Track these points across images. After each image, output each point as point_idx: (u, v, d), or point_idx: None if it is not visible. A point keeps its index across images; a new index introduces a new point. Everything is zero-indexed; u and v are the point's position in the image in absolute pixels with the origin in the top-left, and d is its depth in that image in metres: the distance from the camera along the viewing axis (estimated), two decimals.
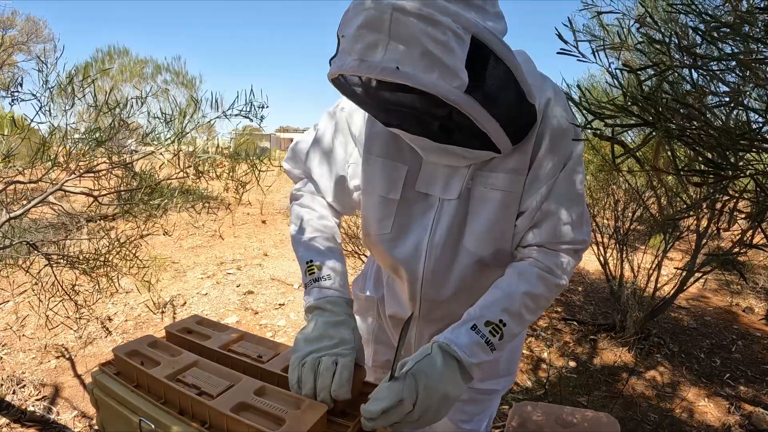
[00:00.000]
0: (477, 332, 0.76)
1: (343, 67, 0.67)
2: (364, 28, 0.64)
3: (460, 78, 0.64)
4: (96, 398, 0.82)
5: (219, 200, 2.57)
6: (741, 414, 2.17)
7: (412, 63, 0.62)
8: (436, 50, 0.62)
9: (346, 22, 0.67)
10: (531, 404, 1.38)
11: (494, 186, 0.83)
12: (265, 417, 0.68)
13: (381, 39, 0.63)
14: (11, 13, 11.19)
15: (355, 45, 0.65)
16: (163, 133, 1.79)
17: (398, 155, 0.88)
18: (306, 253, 0.90)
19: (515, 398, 2.18)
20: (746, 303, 3.52)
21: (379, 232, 0.92)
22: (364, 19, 0.63)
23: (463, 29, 0.63)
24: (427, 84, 0.63)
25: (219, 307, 3.27)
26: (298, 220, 0.96)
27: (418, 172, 0.88)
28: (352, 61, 0.65)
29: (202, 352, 0.87)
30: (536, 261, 0.84)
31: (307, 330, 0.81)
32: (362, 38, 0.64)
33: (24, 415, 1.96)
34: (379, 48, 0.63)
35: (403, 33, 0.62)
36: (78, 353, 2.52)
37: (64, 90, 1.60)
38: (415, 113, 0.72)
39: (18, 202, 1.82)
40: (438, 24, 0.62)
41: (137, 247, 2.01)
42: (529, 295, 0.80)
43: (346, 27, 0.67)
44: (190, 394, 0.71)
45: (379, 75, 0.64)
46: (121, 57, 8.45)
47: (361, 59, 0.64)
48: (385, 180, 0.89)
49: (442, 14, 0.62)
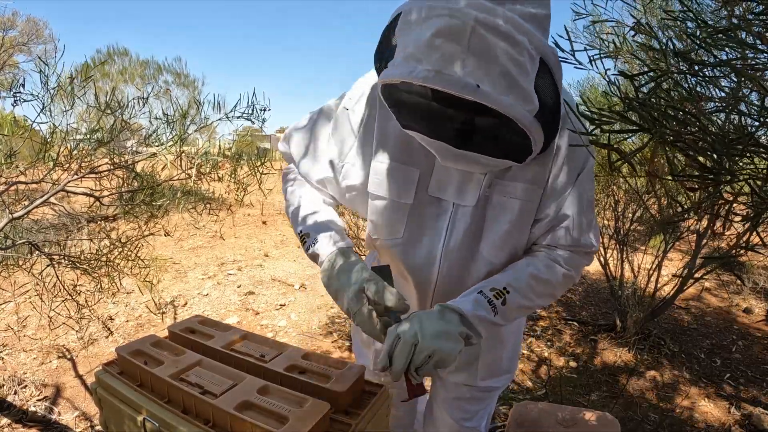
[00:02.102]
0: (481, 294, 0.81)
1: (413, 75, 0.62)
2: (442, 37, 0.60)
3: (533, 102, 0.63)
4: (99, 397, 0.82)
5: (220, 201, 2.58)
6: (741, 414, 2.17)
7: (491, 82, 0.60)
8: (514, 71, 0.61)
9: (412, 23, 0.63)
10: (531, 404, 1.39)
11: (513, 195, 0.83)
12: (268, 416, 0.68)
13: (459, 52, 0.60)
14: (12, 14, 11.20)
15: (431, 54, 0.61)
16: (164, 134, 1.80)
17: (410, 158, 0.85)
18: (300, 226, 0.92)
19: (516, 398, 2.18)
20: (746, 303, 3.53)
21: (390, 237, 0.90)
22: (443, 26, 0.60)
23: (535, 50, 0.62)
24: (505, 107, 0.61)
25: (220, 307, 3.27)
26: (290, 195, 0.98)
27: (430, 175, 0.85)
28: (425, 71, 0.61)
29: (205, 351, 0.88)
30: (547, 252, 0.88)
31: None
32: (438, 48, 0.60)
33: (25, 416, 1.96)
34: (457, 61, 0.60)
35: (483, 49, 0.60)
36: (79, 354, 2.52)
37: (64, 90, 1.60)
38: (452, 122, 0.70)
39: (20, 203, 1.82)
40: (517, 44, 0.60)
41: (139, 247, 2.02)
42: (535, 276, 0.84)
43: (413, 29, 0.63)
44: (194, 393, 0.71)
45: (457, 91, 0.60)
46: (121, 58, 8.46)
47: (437, 71, 0.61)
48: (396, 184, 0.86)
49: (520, 33, 0.60)
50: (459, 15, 0.59)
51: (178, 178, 1.84)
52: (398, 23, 0.66)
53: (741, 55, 0.59)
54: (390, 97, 0.74)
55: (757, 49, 0.56)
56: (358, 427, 0.74)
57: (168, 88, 8.50)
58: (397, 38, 0.66)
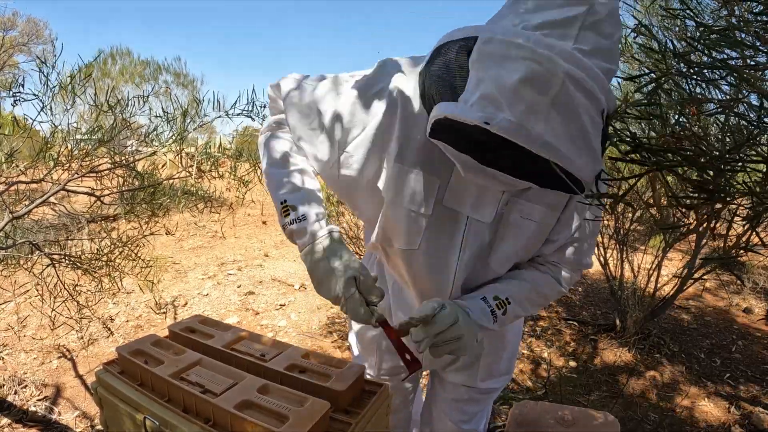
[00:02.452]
0: (485, 301, 0.85)
1: (494, 123, 0.57)
2: (528, 85, 0.56)
3: (600, 162, 0.61)
4: (100, 397, 0.82)
5: (221, 201, 2.58)
6: (741, 413, 2.17)
7: (570, 141, 0.57)
8: (591, 131, 0.58)
9: (494, 57, 0.58)
10: (531, 404, 1.39)
11: (530, 216, 0.83)
12: (268, 414, 0.68)
13: (544, 105, 0.56)
14: (12, 14, 11.20)
15: (514, 103, 0.56)
16: (164, 132, 1.80)
17: (432, 168, 0.81)
18: (276, 191, 0.86)
19: (515, 398, 2.18)
20: (746, 303, 3.53)
21: (406, 246, 0.87)
22: (531, 75, 0.56)
23: (607, 109, 0.60)
24: (578, 169, 0.58)
25: (220, 307, 3.27)
26: (272, 151, 0.90)
27: (446, 186, 0.83)
28: (507, 121, 0.56)
29: (205, 350, 0.88)
30: (549, 269, 0.92)
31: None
32: (523, 98, 0.56)
33: (25, 416, 1.96)
34: (540, 115, 0.56)
35: (567, 104, 0.56)
36: (79, 353, 2.52)
37: (65, 89, 1.61)
38: (499, 152, 0.67)
39: (20, 202, 1.82)
40: (597, 103, 0.58)
41: (139, 247, 2.02)
42: (536, 291, 0.90)
43: (493, 65, 0.58)
44: (194, 392, 0.71)
45: (536, 149, 0.57)
46: (122, 58, 8.47)
47: (519, 124, 0.56)
48: (417, 193, 0.83)
49: (601, 91, 0.58)
50: (548, 64, 0.55)
51: (179, 176, 1.84)
52: (475, 50, 0.60)
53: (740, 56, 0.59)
54: (441, 120, 0.66)
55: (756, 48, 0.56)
56: (358, 426, 0.74)
57: (168, 87, 8.50)
58: (471, 67, 0.60)
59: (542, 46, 0.56)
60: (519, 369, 2.52)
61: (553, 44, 0.56)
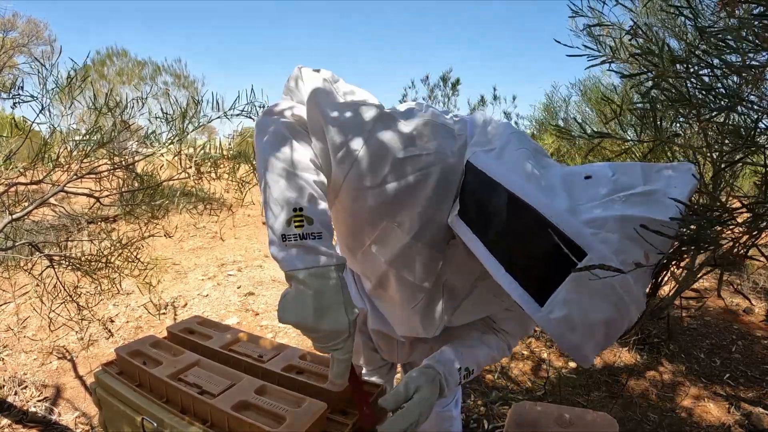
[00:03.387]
0: (459, 373, 0.91)
1: (561, 342, 0.64)
2: (603, 327, 0.63)
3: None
4: (99, 397, 0.83)
5: (220, 202, 2.58)
6: (741, 414, 2.17)
7: (597, 346, 0.65)
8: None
9: (586, 285, 0.60)
10: (530, 404, 1.39)
11: (500, 296, 0.88)
12: (265, 415, 0.68)
13: (602, 332, 0.63)
14: (12, 16, 11.22)
15: (585, 334, 0.63)
16: (164, 133, 1.80)
17: (440, 246, 0.83)
18: (292, 194, 0.70)
19: (515, 398, 2.18)
20: (746, 303, 3.53)
21: (404, 304, 0.93)
22: (609, 320, 0.62)
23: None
24: (585, 362, 0.67)
25: (220, 308, 3.28)
26: (293, 149, 0.73)
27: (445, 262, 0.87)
28: (574, 347, 0.64)
29: (203, 352, 0.88)
30: (503, 337, 1.01)
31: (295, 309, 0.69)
32: (595, 334, 0.63)
33: (25, 416, 1.96)
34: (594, 337, 0.64)
35: (617, 333, 0.65)
36: (79, 354, 2.52)
37: (62, 91, 1.61)
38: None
39: (20, 204, 1.82)
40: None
41: (139, 248, 2.02)
42: (491, 357, 0.99)
43: (584, 293, 0.61)
44: (192, 393, 0.72)
45: (573, 357, 0.66)
46: (120, 58, 8.46)
47: (580, 351, 0.65)
48: (425, 271, 0.85)
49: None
50: (624, 313, 0.62)
51: (178, 177, 1.84)
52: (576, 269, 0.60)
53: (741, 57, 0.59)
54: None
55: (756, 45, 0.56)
56: (354, 426, 0.74)
57: (167, 88, 8.50)
58: (567, 283, 0.62)
59: (627, 292, 0.61)
60: (519, 369, 2.52)
61: (638, 297, 0.62)
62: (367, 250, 0.86)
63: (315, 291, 0.67)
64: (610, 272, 0.56)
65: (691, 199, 0.63)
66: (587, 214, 0.61)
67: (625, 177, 0.65)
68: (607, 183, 0.65)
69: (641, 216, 0.59)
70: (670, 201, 0.60)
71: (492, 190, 0.69)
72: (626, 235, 0.59)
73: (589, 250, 0.59)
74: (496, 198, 0.68)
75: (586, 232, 0.59)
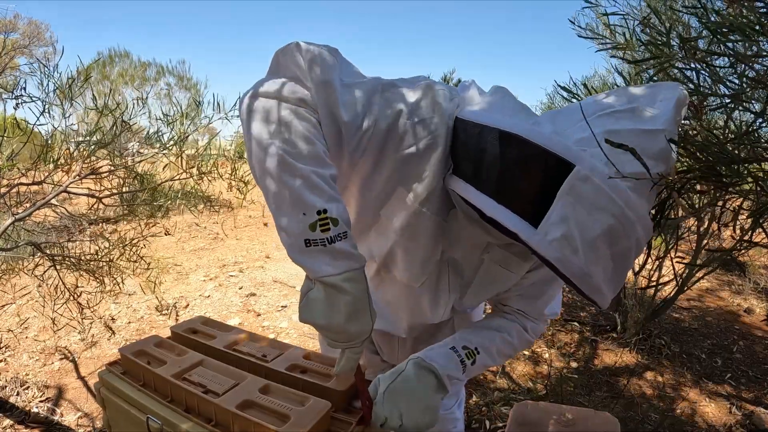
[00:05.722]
0: (454, 351, 0.85)
1: (564, 266, 0.59)
2: (605, 240, 0.58)
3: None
4: (103, 397, 0.83)
5: (221, 203, 2.58)
6: (742, 414, 2.17)
7: (611, 282, 0.63)
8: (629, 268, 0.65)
9: (583, 199, 0.57)
10: (532, 404, 1.39)
11: (507, 266, 0.85)
12: (270, 414, 0.69)
13: (607, 255, 0.59)
14: (13, 17, 11.24)
15: (588, 252, 0.58)
16: (165, 134, 1.80)
17: (444, 214, 0.81)
18: (313, 196, 0.65)
19: (516, 398, 2.19)
20: (747, 303, 3.53)
21: (411, 282, 0.89)
22: (610, 231, 0.58)
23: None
24: (604, 303, 0.64)
25: (221, 309, 3.28)
26: (303, 139, 0.67)
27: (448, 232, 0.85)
28: (578, 268, 0.59)
29: (207, 351, 0.88)
30: (517, 318, 0.94)
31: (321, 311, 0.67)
32: (597, 248, 0.59)
33: (28, 417, 1.97)
34: (600, 261, 0.60)
35: (626, 260, 0.61)
36: (81, 355, 2.53)
37: (63, 92, 1.61)
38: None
39: (21, 204, 1.83)
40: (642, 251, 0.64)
41: (140, 248, 2.02)
42: (505, 341, 0.91)
43: (582, 208, 0.57)
44: (196, 393, 0.72)
45: (585, 289, 0.62)
46: (121, 60, 8.48)
47: (586, 272, 0.59)
48: (434, 241, 0.83)
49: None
50: (629, 228, 0.58)
51: (179, 178, 1.85)
52: (568, 182, 0.58)
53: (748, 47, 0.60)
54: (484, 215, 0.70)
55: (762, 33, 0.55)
56: (359, 425, 0.74)
57: (170, 89, 8.51)
58: (559, 198, 0.59)
59: (631, 208, 0.58)
60: (520, 370, 2.52)
61: (641, 212, 0.59)
62: (377, 224, 0.84)
63: (348, 295, 0.65)
64: (603, 181, 0.55)
65: (680, 110, 0.62)
66: (575, 134, 0.61)
67: (610, 98, 0.64)
68: (592, 105, 0.64)
69: (630, 128, 0.59)
70: (657, 111, 0.60)
71: (479, 135, 0.67)
72: (616, 146, 0.57)
73: (577, 161, 0.57)
74: (483, 140, 0.66)
75: (574, 148, 0.59)
